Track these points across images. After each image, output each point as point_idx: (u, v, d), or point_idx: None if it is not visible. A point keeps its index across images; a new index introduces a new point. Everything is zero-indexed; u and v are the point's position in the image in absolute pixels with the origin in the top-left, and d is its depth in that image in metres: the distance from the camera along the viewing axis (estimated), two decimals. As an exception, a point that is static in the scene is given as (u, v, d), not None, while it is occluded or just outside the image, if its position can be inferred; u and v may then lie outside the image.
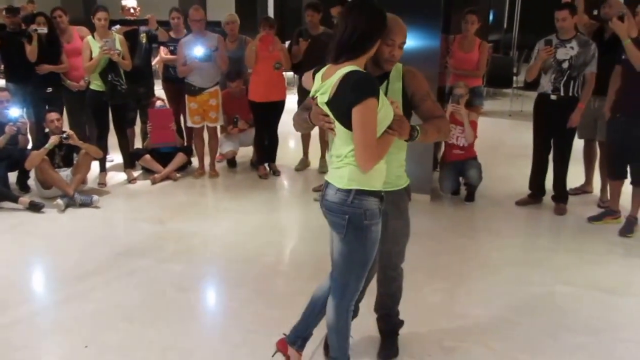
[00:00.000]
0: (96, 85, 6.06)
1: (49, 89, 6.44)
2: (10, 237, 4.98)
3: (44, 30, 6.18)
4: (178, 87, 6.61)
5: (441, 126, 2.76)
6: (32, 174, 5.94)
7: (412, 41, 5.33)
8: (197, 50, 6.17)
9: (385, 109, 2.45)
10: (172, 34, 6.86)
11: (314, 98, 2.63)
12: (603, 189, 5.72)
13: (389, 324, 3.30)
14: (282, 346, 3.06)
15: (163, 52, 6.94)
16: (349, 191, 2.51)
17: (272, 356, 3.07)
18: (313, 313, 2.97)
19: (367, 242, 2.58)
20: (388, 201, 2.78)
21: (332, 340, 2.84)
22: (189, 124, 6.61)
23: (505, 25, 14.51)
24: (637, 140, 4.83)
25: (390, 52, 2.63)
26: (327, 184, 2.64)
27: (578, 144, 5.68)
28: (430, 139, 2.78)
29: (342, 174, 2.53)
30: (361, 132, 2.38)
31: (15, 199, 5.50)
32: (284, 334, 3.06)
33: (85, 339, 3.41)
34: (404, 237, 3.07)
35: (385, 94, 2.67)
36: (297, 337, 3.01)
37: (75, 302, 3.86)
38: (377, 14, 2.48)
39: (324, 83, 2.51)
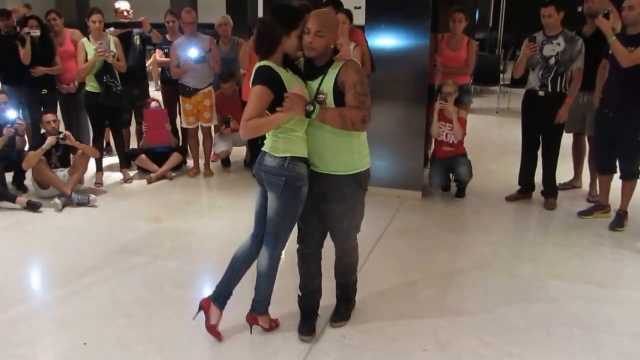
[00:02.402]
0: (92, 86, 6.08)
1: (44, 91, 6.48)
2: (8, 236, 5.01)
3: (36, 33, 6.20)
4: (175, 89, 6.62)
5: (346, 114, 2.98)
6: (28, 174, 5.96)
7: (403, 40, 5.43)
8: (192, 52, 6.21)
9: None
10: (167, 36, 6.90)
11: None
12: (592, 184, 5.76)
13: (342, 291, 3.63)
14: (205, 304, 3.37)
15: (158, 55, 6.99)
16: (284, 158, 3.03)
17: (195, 316, 3.40)
18: (234, 271, 3.33)
19: (297, 200, 3.10)
20: (327, 184, 3.11)
21: (261, 285, 3.32)
22: (184, 125, 6.65)
23: (490, 24, 14.56)
24: (625, 134, 4.87)
25: (306, 40, 2.93)
26: (264, 153, 3.13)
27: (567, 139, 5.74)
28: (331, 122, 2.99)
29: (277, 145, 3.05)
30: (248, 104, 2.99)
31: (12, 199, 5.54)
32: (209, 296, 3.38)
33: (85, 336, 3.46)
34: (348, 221, 3.27)
35: (320, 84, 3.04)
36: (219, 295, 3.35)
37: (73, 299, 3.91)
38: (277, 18, 2.94)
39: None
